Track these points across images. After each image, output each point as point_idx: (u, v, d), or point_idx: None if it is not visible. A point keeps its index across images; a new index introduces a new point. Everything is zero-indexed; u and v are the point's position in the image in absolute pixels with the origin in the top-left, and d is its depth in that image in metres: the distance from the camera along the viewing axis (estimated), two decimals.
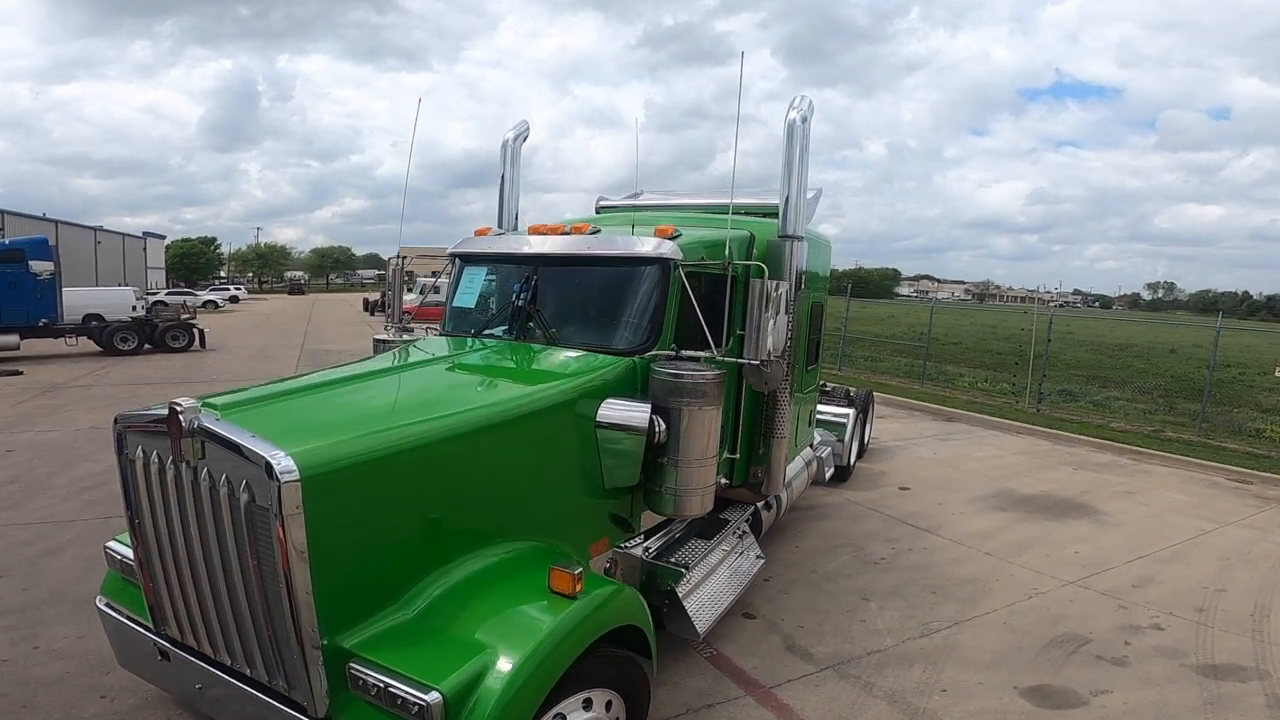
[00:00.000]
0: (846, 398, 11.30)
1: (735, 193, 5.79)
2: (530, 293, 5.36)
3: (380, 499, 3.44)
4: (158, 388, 17.27)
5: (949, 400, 18.16)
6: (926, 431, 14.60)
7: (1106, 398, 22.73)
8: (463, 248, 6.13)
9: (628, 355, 4.92)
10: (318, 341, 29.63)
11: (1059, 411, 17.42)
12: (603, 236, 5.44)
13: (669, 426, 4.53)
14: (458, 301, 6.00)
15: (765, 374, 5.07)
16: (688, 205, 8.05)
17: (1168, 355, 35.50)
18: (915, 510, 9.44)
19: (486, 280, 5.94)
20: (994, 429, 15.21)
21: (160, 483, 3.57)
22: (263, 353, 25.41)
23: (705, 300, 5.22)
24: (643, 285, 5.13)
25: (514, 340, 5.37)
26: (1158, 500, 10.32)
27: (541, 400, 4.25)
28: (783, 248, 5.70)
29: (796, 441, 7.51)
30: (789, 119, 5.82)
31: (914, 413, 16.84)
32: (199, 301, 50.80)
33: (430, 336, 6.10)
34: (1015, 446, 13.58)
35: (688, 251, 5.16)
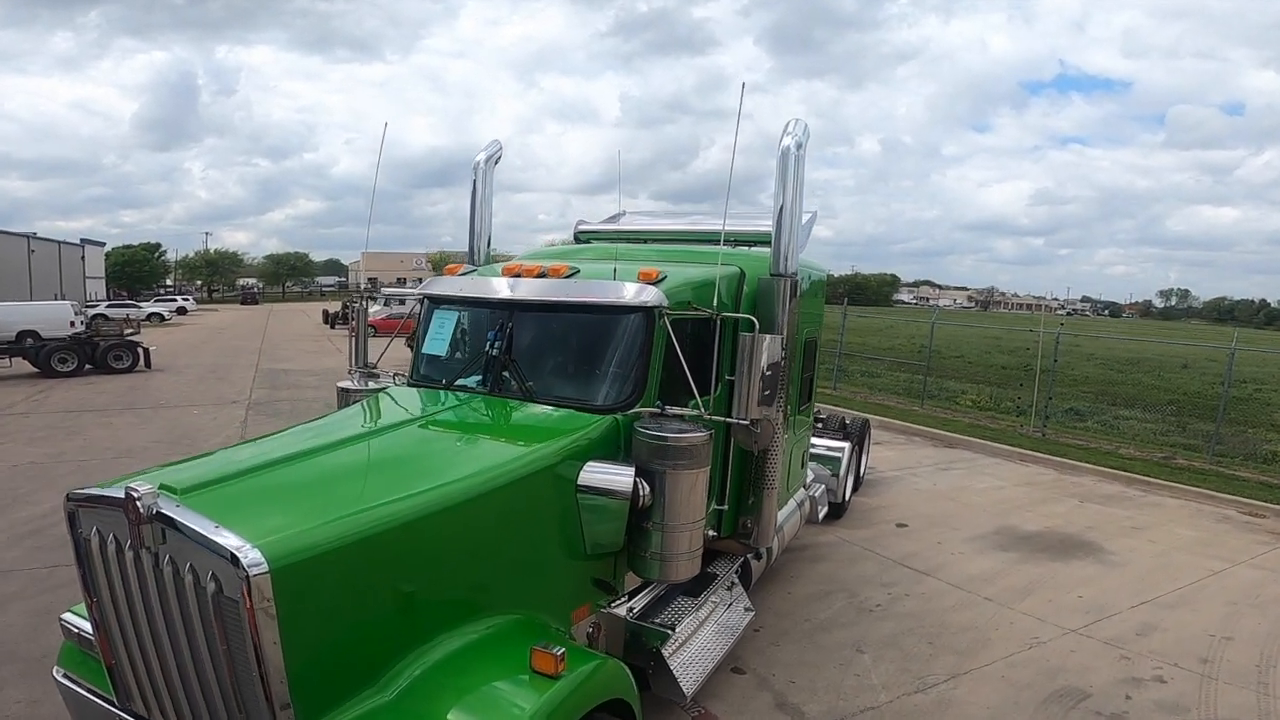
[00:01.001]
0: (841, 429, 11.52)
1: (723, 212, 5.92)
2: (505, 341, 5.46)
3: (355, 583, 3.56)
4: (101, 415, 17.25)
5: (950, 424, 18.45)
6: (926, 460, 14.85)
7: (1116, 417, 23.15)
8: (432, 289, 6.22)
9: (609, 412, 5.05)
10: (274, 359, 29.58)
11: (1065, 436, 17.74)
12: (582, 281, 5.55)
13: (654, 489, 4.67)
14: (428, 348, 6.08)
15: (756, 434, 5.21)
16: (673, 232, 8.24)
17: (1180, 370, 36.04)
18: (913, 550, 9.65)
19: (458, 324, 6.04)
20: (996, 456, 15.49)
21: (119, 565, 3.65)
22: (214, 372, 25.37)
23: (692, 342, 5.36)
24: (625, 335, 5.26)
25: (488, 393, 5.48)
26: (1166, 537, 10.60)
27: (521, 468, 4.38)
28: (774, 288, 5.85)
29: (789, 485, 7.69)
30: (783, 145, 5.94)
31: (913, 438, 17.10)
32: (143, 314, 50.51)
33: (398, 386, 6.17)
34: (1019, 476, 13.85)
35: (673, 297, 5.29)
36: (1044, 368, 18.91)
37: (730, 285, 5.88)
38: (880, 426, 17.91)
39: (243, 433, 15.47)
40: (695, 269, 5.89)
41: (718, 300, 5.32)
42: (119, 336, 26.67)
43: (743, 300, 5.99)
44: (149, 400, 19.53)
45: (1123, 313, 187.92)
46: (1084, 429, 20.73)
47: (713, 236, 7.80)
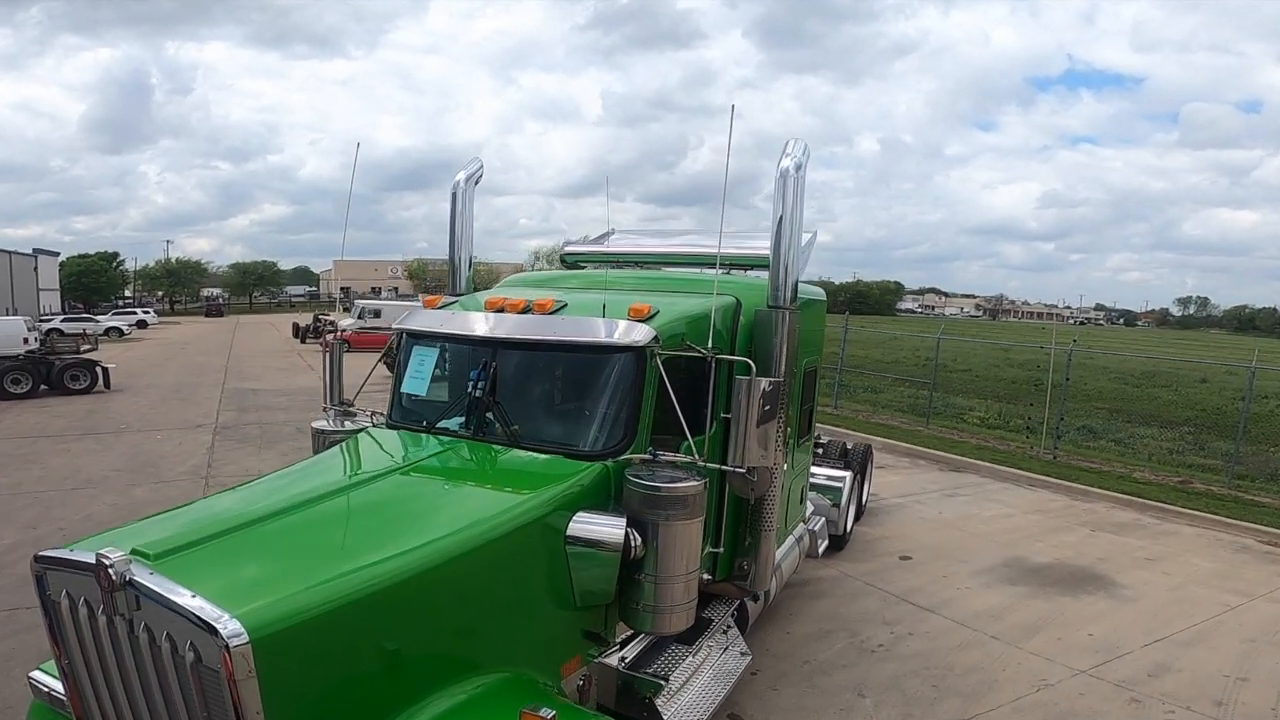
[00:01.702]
0: (843, 456, 11.65)
1: (714, 230, 5.99)
2: (488, 382, 5.54)
3: (340, 647, 3.65)
4: (58, 441, 17.25)
5: (957, 446, 18.61)
6: (931, 485, 15.00)
7: (1131, 435, 23.36)
8: (411, 324, 6.29)
9: (599, 458, 5.15)
10: (241, 378, 29.58)
11: (1077, 457, 17.93)
12: (569, 318, 5.62)
13: (646, 540, 4.77)
14: (407, 386, 6.15)
15: (753, 482, 5.30)
16: (664, 255, 8.37)
17: (1198, 385, 36.32)
18: (917, 585, 9.77)
19: (439, 361, 6.12)
20: (1005, 481, 15.65)
21: (91, 630, 3.73)
22: (178, 393, 25.36)
23: (685, 378, 5.45)
24: (615, 377, 5.36)
25: (471, 437, 5.57)
26: (1181, 569, 10.75)
27: (509, 521, 4.48)
28: (772, 320, 5.94)
29: (787, 522, 7.81)
30: (781, 167, 6.02)
31: (918, 461, 17.26)
32: (101, 329, 50.35)
33: (376, 427, 6.23)
34: (1028, 503, 14.01)
35: (666, 334, 5.38)
36: (1055, 382, 19.08)
37: (726, 317, 5.97)
38: (884, 449, 18.07)
39: (209, 460, 15.50)
40: (689, 300, 5.99)
41: (713, 335, 5.41)
42: (76, 354, 26.62)
43: (739, 332, 6.08)
44: (109, 424, 19.54)
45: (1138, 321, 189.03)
46: (1097, 448, 20.94)
47: (706, 260, 7.94)
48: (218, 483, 13.63)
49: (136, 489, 13.29)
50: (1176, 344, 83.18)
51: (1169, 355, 34.51)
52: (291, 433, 18.38)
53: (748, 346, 6.05)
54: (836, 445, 11.98)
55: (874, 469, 13.37)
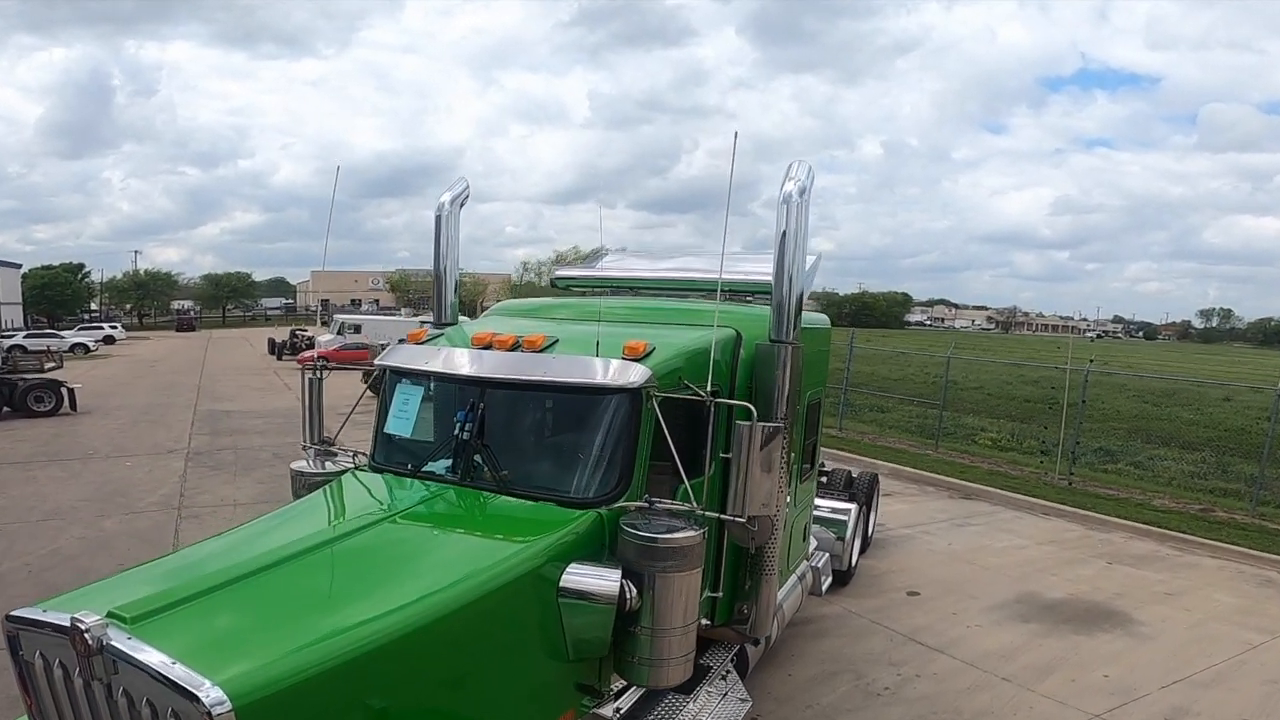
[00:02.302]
0: (847, 487, 11.74)
1: (712, 249, 6.02)
2: (476, 423, 5.60)
3: (327, 712, 3.72)
4: (23, 469, 17.28)
5: (967, 471, 18.72)
6: (940, 514, 15.08)
7: (1150, 457, 23.48)
8: (394, 359, 6.35)
9: (593, 506, 5.22)
10: (214, 398, 29.60)
11: (1094, 483, 18.02)
12: (560, 358, 5.68)
13: (642, 591, 4.83)
14: (391, 426, 6.20)
15: (753, 531, 5.33)
16: (659, 280, 8.46)
17: (1221, 404, 36.49)
18: (925, 623, 9.85)
19: (424, 399, 6.17)
20: (1018, 509, 15.74)
21: (68, 693, 3.78)
22: (148, 415, 25.38)
23: (684, 416, 5.53)
24: (609, 420, 5.43)
25: (459, 482, 5.62)
26: (1202, 604, 10.84)
27: (501, 574, 4.54)
28: (774, 356, 6.00)
29: (789, 562, 7.88)
30: (784, 191, 6.09)
31: (926, 488, 17.35)
32: (66, 345, 50.28)
33: (359, 470, 6.28)
34: (1042, 533, 14.11)
35: (662, 374, 5.46)
36: (1072, 401, 19.16)
37: (725, 351, 6.05)
38: (890, 474, 18.18)
39: (181, 488, 15.53)
40: (686, 334, 6.07)
41: (712, 372, 5.49)
42: (40, 373, 26.62)
43: (739, 367, 6.16)
44: (76, 450, 19.56)
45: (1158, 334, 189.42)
46: (1115, 472, 21.06)
47: (703, 286, 8.04)
48: (190, 514, 13.68)
49: (106, 520, 13.32)
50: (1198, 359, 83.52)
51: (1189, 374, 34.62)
52: (268, 458, 18.43)
53: (748, 382, 6.13)
54: (841, 475, 12.07)
55: (880, 497, 13.46)
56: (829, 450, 18.49)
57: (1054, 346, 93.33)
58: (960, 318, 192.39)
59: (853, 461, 19.36)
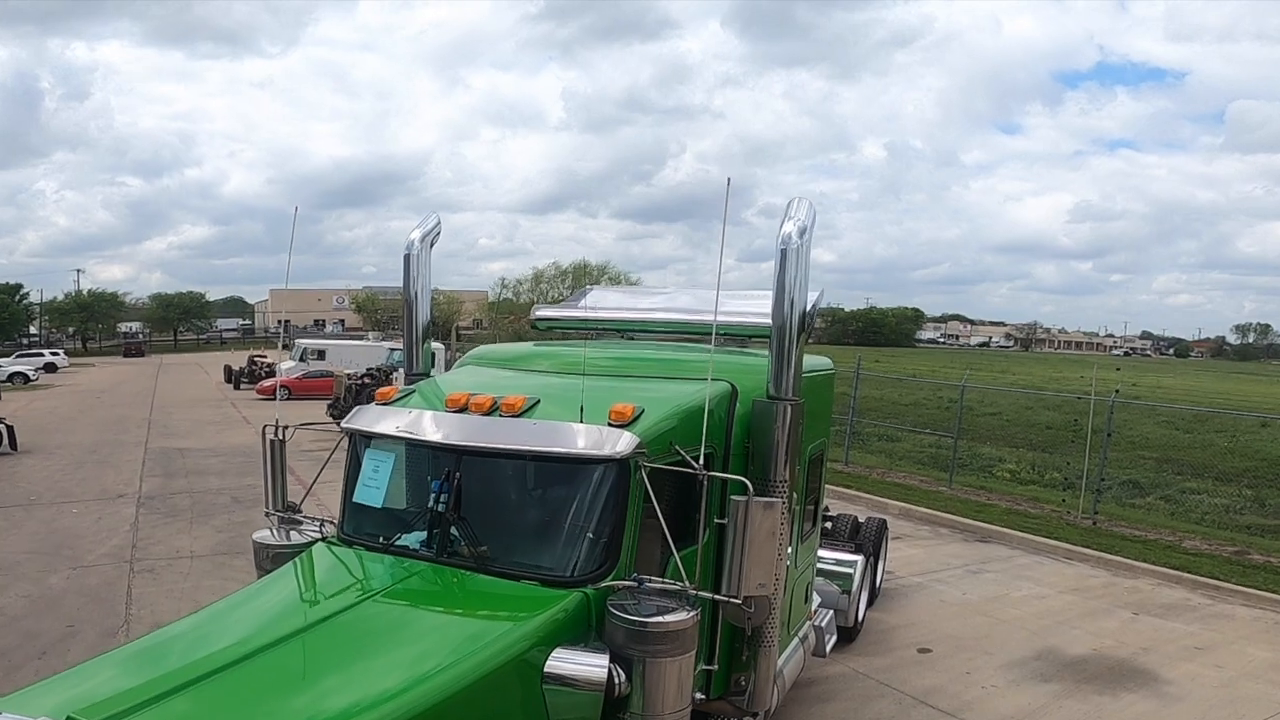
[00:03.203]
0: (853, 535, 11.86)
1: (703, 282, 6.11)
2: (452, 495, 5.69)
3: None
4: None
5: (984, 511, 18.86)
6: (954, 560, 15.23)
7: (1181, 491, 23.66)
8: (362, 423, 6.39)
9: (578, 585, 5.33)
10: (167, 434, 29.60)
11: (1120, 523, 18.17)
12: (541, 425, 5.75)
13: (631, 676, 4.94)
14: (360, 496, 6.26)
15: (749, 612, 5.41)
16: (647, 322, 8.61)
17: (1259, 430, 36.72)
18: (937, 684, 9.98)
19: (395, 465, 6.25)
20: (1038, 553, 15.90)
21: None
22: (94, 454, 25.35)
23: (674, 478, 5.65)
24: (594, 492, 5.54)
25: (434, 559, 5.70)
26: (1235, 660, 11.00)
27: (483, 663, 4.64)
28: (773, 414, 6.12)
29: (790, 626, 8.00)
30: (783, 233, 6.21)
31: (939, 530, 17.50)
32: (3, 375, 50.23)
33: (327, 542, 6.33)
34: (1064, 580, 14.26)
35: (652, 439, 5.55)
36: (1096, 427, 19.25)
37: (720, 407, 6.17)
38: (901, 515, 18.36)
39: (133, 539, 15.56)
40: (677, 390, 6.20)
41: (706, 433, 5.58)
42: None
43: (734, 424, 6.29)
44: (16, 495, 19.54)
45: (1190, 351, 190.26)
46: (1144, 507, 21.25)
47: (694, 330, 8.20)
48: (144, 567, 13.72)
49: (51, 576, 13.36)
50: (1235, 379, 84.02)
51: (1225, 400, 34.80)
52: (227, 503, 18.48)
53: (744, 441, 6.26)
54: (846, 521, 12.19)
55: (890, 540, 13.59)
56: (833, 488, 18.64)
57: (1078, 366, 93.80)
58: (976, 334, 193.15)
59: (859, 501, 19.54)
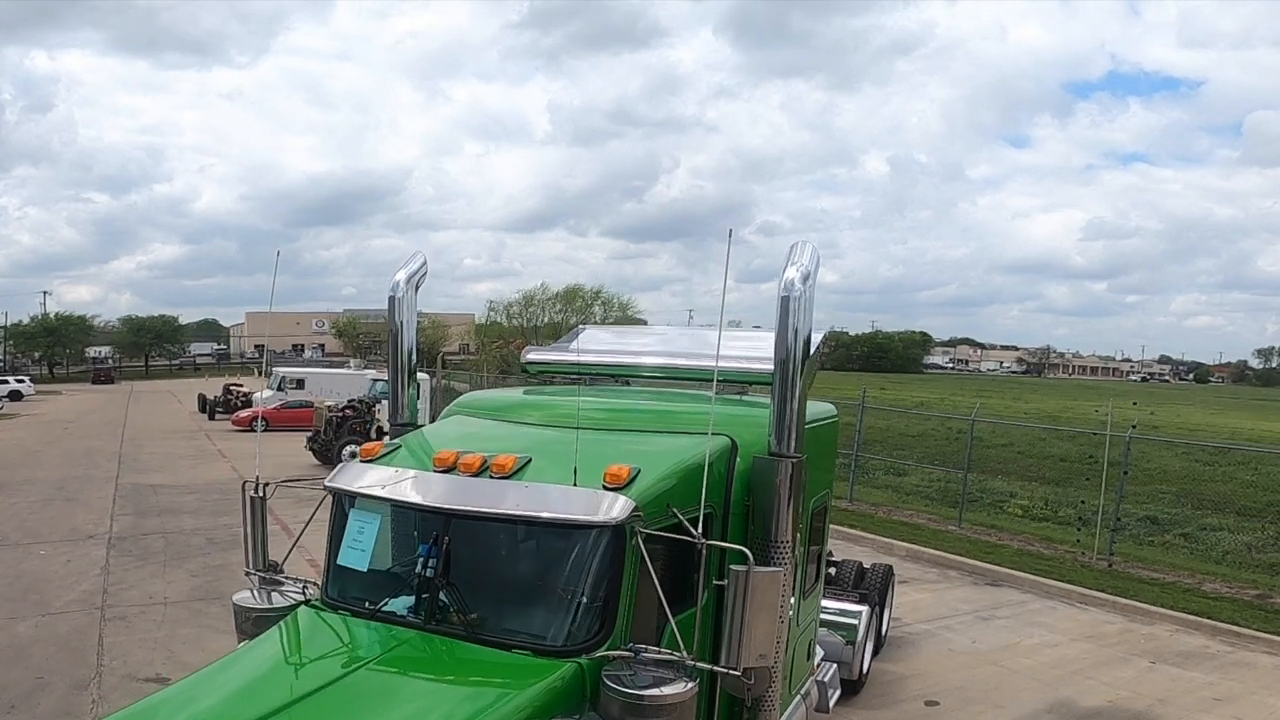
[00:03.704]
0: (858, 583, 11.93)
1: (701, 323, 6.15)
2: (440, 560, 5.74)
3: None
4: None
5: (995, 552, 18.94)
6: (964, 605, 15.30)
7: (1202, 527, 23.74)
8: (345, 482, 6.41)
9: (571, 655, 5.39)
10: (139, 469, 29.57)
11: (1136, 564, 18.25)
12: (532, 489, 5.77)
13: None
14: (344, 559, 6.28)
15: (748, 684, 5.44)
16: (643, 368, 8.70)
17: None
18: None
19: (381, 527, 6.27)
20: (1051, 597, 15.97)
21: None
22: (62, 491, 25.33)
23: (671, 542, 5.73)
24: (588, 559, 5.59)
25: (423, 626, 5.75)
26: (1255, 712, 11.08)
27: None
28: (774, 472, 6.18)
29: (791, 685, 8.06)
30: (785, 279, 6.28)
31: (948, 573, 17.57)
32: None
33: (311, 606, 6.35)
34: (1078, 626, 14.34)
35: (649, 502, 5.60)
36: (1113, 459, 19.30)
37: (720, 463, 6.23)
38: (908, 556, 18.42)
39: (104, 583, 15.58)
40: (674, 445, 6.27)
41: (706, 493, 5.63)
42: None
43: (734, 479, 6.35)
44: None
45: (1211, 376, 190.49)
46: (1162, 545, 21.32)
47: (694, 375, 8.30)
48: (116, 615, 13.75)
49: (19, 624, 13.38)
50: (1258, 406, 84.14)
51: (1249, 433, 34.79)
52: (202, 545, 18.51)
53: (745, 499, 6.34)
54: (851, 568, 12.27)
55: (897, 584, 13.65)
56: (837, 527, 18.69)
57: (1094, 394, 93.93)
58: (987, 359, 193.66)
59: (864, 541, 19.63)
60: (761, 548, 6.10)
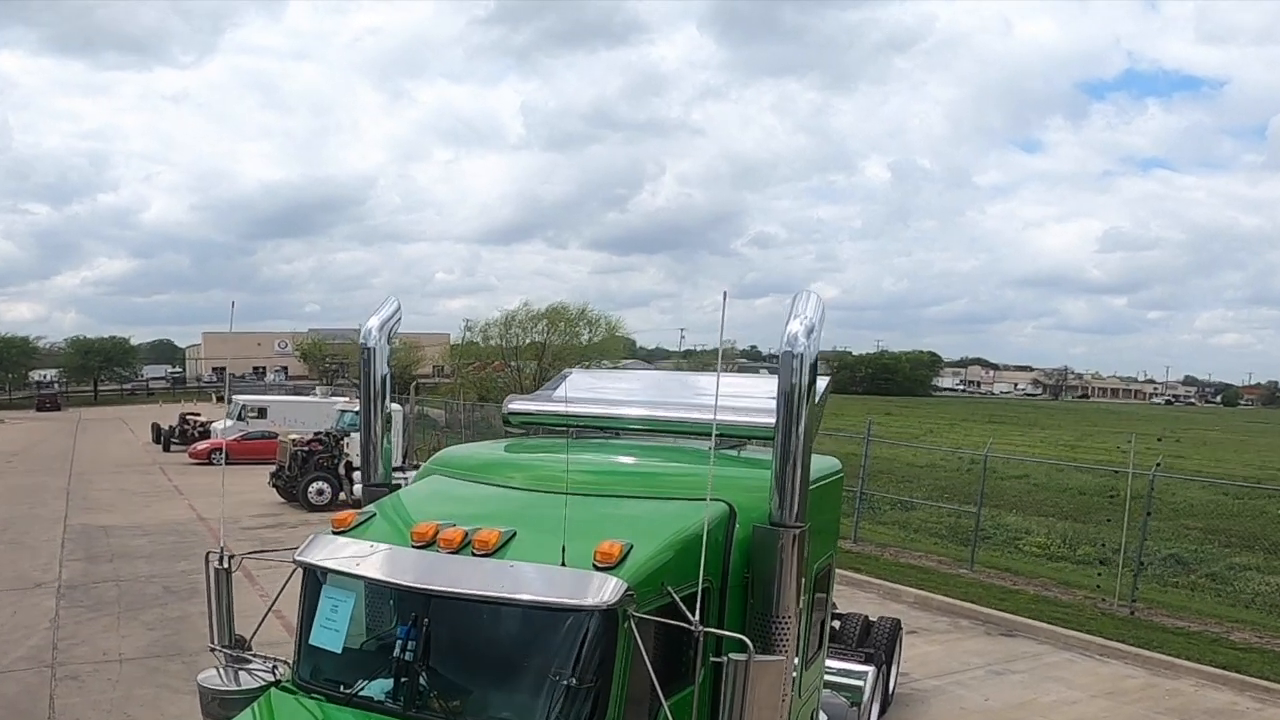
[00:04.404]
0: (863, 636, 12.00)
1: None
2: (420, 642, 5.75)
3: None
4: None
5: (1009, 598, 19.02)
6: (976, 658, 15.38)
7: (1229, 567, 23.87)
8: (317, 556, 6.35)
9: None
10: (88, 507, 29.43)
11: (1161, 612, 18.34)
12: (519, 569, 5.74)
13: None
14: (317, 638, 6.26)
15: None
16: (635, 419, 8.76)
17: None
18: None
19: (356, 603, 6.30)
20: (1069, 648, 16.06)
21: None
22: (6, 532, 25.19)
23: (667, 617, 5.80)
24: (578, 645, 5.60)
25: (402, 713, 5.73)
26: None
27: None
28: (775, 544, 6.21)
29: None
30: (788, 332, 6.29)
31: (959, 622, 17.64)
32: None
33: (284, 690, 6.33)
34: (1098, 682, 14.44)
35: (642, 581, 5.62)
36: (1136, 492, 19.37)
37: (718, 531, 6.27)
38: (917, 604, 18.50)
39: (54, 638, 15.55)
40: (669, 513, 6.32)
41: (704, 567, 5.62)
42: None
43: (733, 548, 6.41)
44: None
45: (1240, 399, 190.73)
46: (1187, 588, 21.44)
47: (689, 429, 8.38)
48: (68, 673, 13.74)
49: None
50: None
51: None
52: (158, 593, 18.47)
53: (743, 570, 6.41)
54: (856, 622, 12.33)
55: (904, 635, 13.72)
56: (841, 572, 18.73)
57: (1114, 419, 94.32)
58: (1000, 380, 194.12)
59: (870, 587, 19.70)
60: (762, 623, 6.18)
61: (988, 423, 74.03)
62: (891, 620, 13.06)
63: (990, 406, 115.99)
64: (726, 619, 6.27)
